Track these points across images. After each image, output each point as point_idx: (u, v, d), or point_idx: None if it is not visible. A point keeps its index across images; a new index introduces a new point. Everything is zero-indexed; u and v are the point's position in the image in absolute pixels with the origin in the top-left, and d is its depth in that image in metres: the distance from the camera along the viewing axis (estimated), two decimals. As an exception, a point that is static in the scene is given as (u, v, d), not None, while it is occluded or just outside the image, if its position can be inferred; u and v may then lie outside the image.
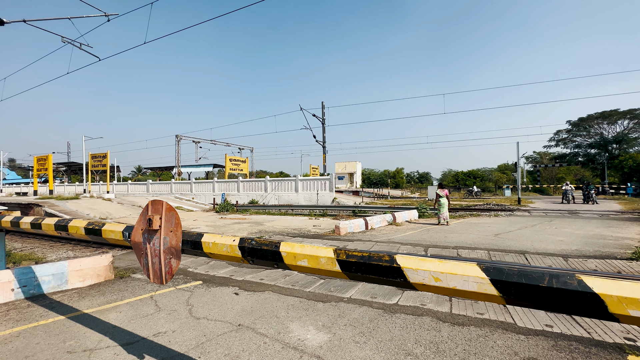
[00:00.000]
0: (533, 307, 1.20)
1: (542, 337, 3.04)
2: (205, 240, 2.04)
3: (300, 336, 3.10)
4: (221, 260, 5.21)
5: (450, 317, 3.51)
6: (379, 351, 2.81)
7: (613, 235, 8.82)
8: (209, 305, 3.96)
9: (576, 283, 1.08)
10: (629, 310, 1.00)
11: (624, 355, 2.69)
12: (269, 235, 10.05)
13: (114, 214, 15.76)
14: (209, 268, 5.83)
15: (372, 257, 1.44)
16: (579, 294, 1.07)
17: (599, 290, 1.04)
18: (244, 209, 20.08)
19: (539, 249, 7.09)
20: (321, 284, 4.78)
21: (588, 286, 1.06)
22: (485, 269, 1.22)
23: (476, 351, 2.79)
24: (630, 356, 2.68)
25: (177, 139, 38.64)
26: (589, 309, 1.07)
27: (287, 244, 1.71)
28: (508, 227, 10.66)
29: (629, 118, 44.60)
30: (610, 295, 1.02)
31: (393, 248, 7.58)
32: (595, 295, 1.05)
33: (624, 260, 6.07)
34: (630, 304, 0.99)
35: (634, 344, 2.88)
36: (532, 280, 1.14)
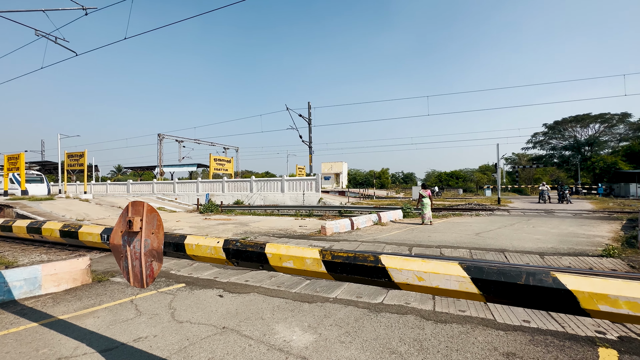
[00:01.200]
0: (512, 304, 1.24)
1: (520, 332, 3.16)
2: (189, 242, 1.99)
3: (285, 337, 3.09)
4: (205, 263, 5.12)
5: (434, 315, 3.59)
6: (364, 350, 2.83)
7: (585, 234, 9.26)
8: (192, 308, 3.88)
9: (551, 280, 1.13)
10: (599, 306, 1.05)
11: (595, 347, 2.83)
12: (255, 236, 9.95)
13: (92, 216, 15.18)
14: (193, 270, 5.71)
15: (358, 258, 1.45)
16: (554, 290, 1.12)
17: (571, 287, 1.09)
18: (229, 210, 19.79)
19: (518, 247, 7.35)
20: (307, 284, 4.77)
21: (562, 283, 1.11)
22: (466, 268, 1.26)
23: (458, 347, 2.86)
24: (600, 348, 2.82)
25: (159, 137, 37.63)
26: (563, 305, 1.12)
27: (272, 245, 1.70)
28: (489, 226, 11.00)
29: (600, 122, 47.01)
30: (582, 292, 1.08)
31: (378, 248, 7.67)
32: (568, 291, 1.10)
33: (595, 257, 6.38)
34: (600, 299, 1.05)
35: (604, 337, 3.03)
36: (511, 278, 1.18)
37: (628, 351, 2.77)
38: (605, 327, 3.22)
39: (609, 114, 45.71)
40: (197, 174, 54.38)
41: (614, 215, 14.24)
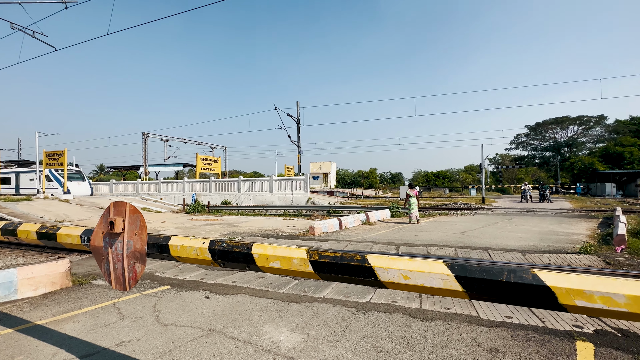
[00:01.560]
0: (494, 300, 1.27)
1: (502, 328, 3.25)
2: (173, 243, 1.95)
3: (273, 338, 3.07)
4: (191, 264, 5.03)
5: (420, 313, 3.64)
6: (351, 349, 2.85)
7: (564, 232, 9.61)
8: (177, 310, 3.80)
9: (531, 277, 1.16)
10: (576, 301, 1.09)
11: (573, 341, 2.94)
12: (242, 236, 9.85)
13: (72, 217, 14.67)
14: (178, 272, 5.60)
15: (344, 257, 1.46)
16: (534, 287, 1.15)
17: (550, 283, 1.13)
18: (216, 210, 19.51)
19: (501, 245, 7.55)
20: (295, 284, 4.76)
21: (541, 280, 1.15)
22: (450, 266, 1.28)
23: (443, 344, 2.91)
24: (578, 342, 2.93)
25: (143, 136, 36.73)
26: (542, 301, 1.16)
27: (259, 246, 1.69)
28: (473, 225, 11.26)
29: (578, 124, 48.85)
30: (560, 288, 1.11)
31: (366, 247, 7.73)
32: (547, 288, 1.13)
33: (574, 254, 6.63)
34: (577, 294, 1.09)
35: (581, 331, 3.15)
36: (493, 276, 1.21)
37: (603, 344, 2.89)
38: (583, 322, 3.35)
39: (586, 117, 47.59)
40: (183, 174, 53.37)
41: (591, 213, 14.83)
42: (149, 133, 37.05)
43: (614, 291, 1.05)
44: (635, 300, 1.02)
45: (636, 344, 2.89)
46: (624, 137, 42.44)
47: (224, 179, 27.88)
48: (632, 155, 38.98)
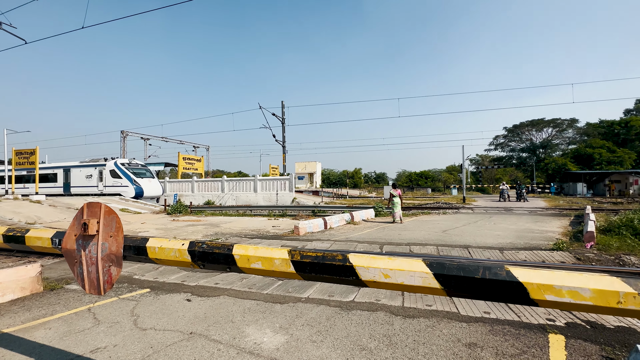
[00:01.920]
0: (471, 297, 1.31)
1: (481, 323, 3.35)
2: (151, 245, 1.89)
3: (256, 340, 3.04)
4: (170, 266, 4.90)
5: (402, 311, 3.70)
6: (335, 349, 2.86)
7: (539, 229, 10.03)
8: (157, 314, 3.69)
9: (505, 274, 1.21)
10: (546, 295, 1.14)
11: (546, 334, 3.08)
12: (226, 237, 9.69)
13: (44, 218, 13.97)
14: (158, 274, 5.44)
15: (326, 257, 1.46)
16: (507, 283, 1.20)
17: (522, 279, 1.17)
18: (199, 211, 19.11)
19: (480, 243, 7.79)
20: (279, 285, 4.73)
21: (514, 276, 1.19)
22: (429, 264, 1.31)
23: (425, 341, 2.98)
24: (550, 334, 3.06)
25: (122, 135, 35.47)
26: (515, 296, 1.20)
27: (240, 247, 1.66)
28: (454, 224, 11.56)
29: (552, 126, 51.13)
30: (532, 283, 1.16)
31: (351, 246, 7.78)
32: (520, 283, 1.18)
33: (547, 250, 6.93)
34: (547, 289, 1.13)
35: (553, 324, 3.30)
36: (469, 273, 1.25)
37: (574, 336, 3.04)
38: (555, 315, 3.51)
39: (560, 119, 49.88)
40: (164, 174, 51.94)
41: (563, 212, 15.55)
42: (128, 131, 35.82)
43: (580, 285, 1.10)
44: (599, 294, 1.07)
45: (603, 335, 3.05)
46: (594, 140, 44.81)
47: (207, 179, 27.36)
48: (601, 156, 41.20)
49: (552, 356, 2.68)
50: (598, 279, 1.11)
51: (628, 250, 6.70)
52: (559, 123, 50.07)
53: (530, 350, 2.78)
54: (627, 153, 41.74)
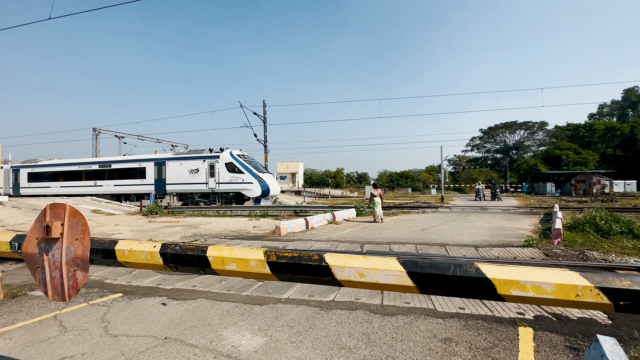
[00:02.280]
0: (442, 294, 1.35)
1: (456, 318, 3.45)
2: (120, 247, 1.81)
3: (234, 342, 2.98)
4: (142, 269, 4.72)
5: (381, 309, 3.76)
6: (314, 349, 2.86)
7: (512, 227, 10.49)
8: (129, 319, 3.54)
9: (474, 270, 1.24)
10: (512, 291, 1.19)
11: (516, 327, 3.22)
12: (205, 238, 9.47)
13: (6, 221, 13.08)
14: (132, 278, 5.23)
15: (302, 257, 1.45)
16: (477, 279, 1.24)
17: (490, 275, 1.21)
18: (177, 211, 18.54)
19: (457, 241, 8.05)
20: (259, 286, 4.67)
21: (483, 272, 1.23)
22: (403, 263, 1.33)
23: (402, 338, 3.03)
24: (520, 327, 3.20)
25: (95, 132, 33.87)
26: (483, 292, 1.24)
27: (215, 248, 1.62)
28: (433, 223, 11.88)
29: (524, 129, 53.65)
30: (499, 279, 1.20)
31: (332, 246, 7.81)
32: (488, 280, 1.22)
33: (519, 247, 7.26)
34: (512, 285, 1.18)
35: (523, 317, 3.45)
36: (441, 270, 1.28)
37: (541, 328, 3.20)
38: (525, 309, 3.67)
39: (531, 122, 52.47)
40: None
41: (534, 210, 16.35)
42: (100, 129, 34.25)
43: (543, 280, 1.15)
44: (560, 288, 1.13)
45: (567, 327, 3.23)
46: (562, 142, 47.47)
47: (186, 179, 26.53)
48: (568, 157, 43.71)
49: (521, 348, 2.80)
50: (559, 273, 1.17)
51: (591, 246, 7.14)
52: (530, 126, 52.65)
53: (501, 343, 2.89)
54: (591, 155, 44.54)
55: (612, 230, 7.98)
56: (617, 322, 3.33)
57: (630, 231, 7.87)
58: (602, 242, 7.36)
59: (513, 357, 2.66)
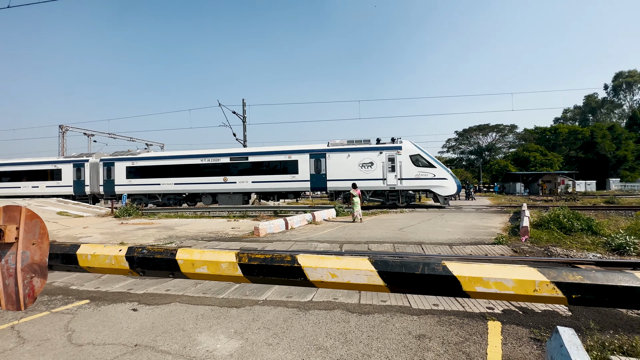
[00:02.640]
0: (412, 292, 1.38)
1: (430, 315, 3.55)
2: (83, 252, 1.72)
3: (209, 347, 2.91)
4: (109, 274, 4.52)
5: (359, 308, 3.80)
6: (291, 350, 2.84)
7: (484, 225, 10.95)
8: (96, 327, 3.37)
9: (441, 269, 1.29)
10: (476, 287, 1.24)
11: (485, 321, 3.36)
12: (181, 240, 9.18)
13: None
14: (100, 283, 4.98)
15: (275, 259, 1.44)
16: (444, 277, 1.28)
17: (456, 273, 1.26)
18: (151, 213, 17.85)
19: (432, 240, 8.29)
20: (236, 288, 4.58)
21: (450, 270, 1.28)
22: (374, 263, 1.35)
23: (378, 336, 3.08)
24: (489, 322, 3.35)
25: (61, 130, 31.95)
26: (450, 289, 1.29)
27: (184, 251, 1.58)
28: (410, 222, 12.17)
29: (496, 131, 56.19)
30: (464, 276, 1.25)
31: (311, 246, 7.81)
32: (454, 277, 1.26)
33: (490, 244, 7.59)
34: (477, 282, 1.23)
35: (492, 312, 3.61)
36: (410, 269, 1.31)
37: (509, 321, 3.36)
38: (494, 304, 3.84)
39: (502, 125, 55.04)
40: (112, 173, 47.69)
41: (504, 209, 17.15)
42: (67, 126, 32.36)
43: (504, 277, 1.21)
44: (520, 284, 1.19)
45: (532, 319, 3.41)
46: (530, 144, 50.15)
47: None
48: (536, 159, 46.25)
49: (490, 341, 2.93)
50: (519, 270, 1.23)
51: (555, 242, 7.59)
52: (502, 128, 55.23)
53: (472, 338, 3.01)
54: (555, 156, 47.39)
55: (573, 228, 8.52)
56: (576, 313, 3.56)
57: (589, 228, 8.44)
58: (565, 239, 7.84)
59: (482, 350, 2.77)
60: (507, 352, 2.74)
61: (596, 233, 8.23)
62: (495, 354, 2.71)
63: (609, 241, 7.04)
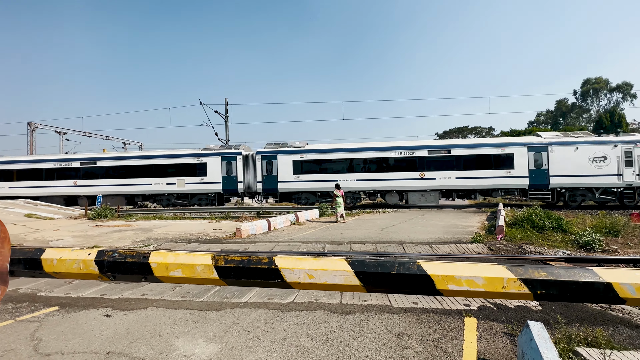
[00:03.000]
0: (388, 291, 1.40)
1: (409, 313, 3.62)
2: (48, 256, 1.63)
3: (186, 352, 2.83)
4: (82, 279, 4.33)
5: (340, 308, 3.82)
6: (271, 352, 2.82)
7: (462, 225, 11.28)
8: (66, 335, 3.21)
9: (416, 268, 1.31)
10: (449, 285, 1.27)
11: (462, 318, 3.46)
12: (159, 242, 8.90)
13: None
14: (72, 289, 4.75)
15: (252, 261, 1.42)
16: (418, 276, 1.30)
17: (430, 272, 1.29)
18: (128, 214, 17.21)
19: (413, 239, 8.46)
20: (216, 291, 4.49)
21: (424, 269, 1.31)
22: (351, 263, 1.36)
23: (359, 335, 3.11)
24: (466, 318, 3.45)
25: (30, 127, 30.26)
26: (424, 288, 1.32)
27: (158, 253, 1.53)
28: (392, 222, 12.36)
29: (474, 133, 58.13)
30: (438, 275, 1.28)
31: (294, 247, 7.78)
32: (428, 276, 1.29)
33: (468, 243, 7.83)
34: (449, 280, 1.26)
35: (469, 308, 3.72)
36: (386, 269, 1.33)
37: (484, 317, 3.48)
38: (471, 301, 3.96)
39: (480, 127, 57.09)
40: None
41: (482, 208, 17.75)
42: (37, 123, 30.70)
43: (475, 275, 1.25)
44: (489, 281, 1.24)
45: (506, 315, 3.55)
46: (506, 146, 52.16)
47: (140, 179, 24.74)
48: (511, 160, 48.16)
49: (466, 337, 3.02)
50: (489, 268, 1.27)
51: (528, 240, 7.93)
52: (480, 131, 57.25)
53: (449, 334, 3.09)
54: (530, 158, 49.50)
55: (545, 226, 8.94)
56: (546, 308, 3.73)
57: (559, 226, 8.88)
58: (537, 237, 8.21)
59: (459, 347, 2.86)
60: (482, 347, 2.83)
61: (566, 231, 8.67)
62: (470, 349, 2.79)
63: (577, 239, 7.43)
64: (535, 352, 1.90)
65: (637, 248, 7.18)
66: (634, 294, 1.11)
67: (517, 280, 1.20)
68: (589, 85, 53.83)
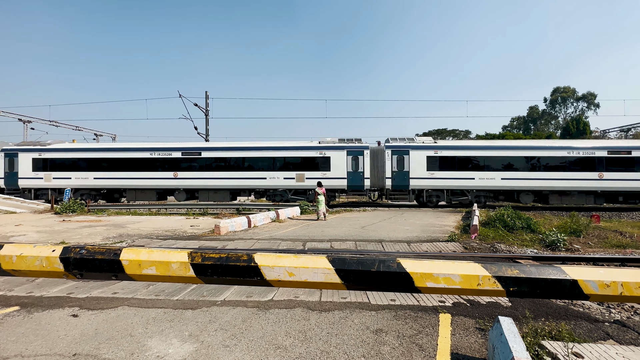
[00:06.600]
0: (368, 289, 1.41)
1: (387, 310, 3.69)
2: (6, 252, 1.51)
3: (160, 352, 2.73)
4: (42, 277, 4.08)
5: (319, 305, 3.82)
6: (249, 351, 2.77)
7: (439, 224, 11.63)
8: (27, 337, 3.01)
9: (396, 266, 1.33)
10: (427, 283, 1.29)
11: (437, 314, 3.56)
12: (133, 239, 8.55)
13: None
14: (34, 287, 4.46)
15: (230, 258, 1.38)
16: (398, 274, 1.32)
17: (409, 270, 1.31)
18: (99, 209, 16.41)
19: (392, 237, 8.62)
20: (193, 289, 4.37)
21: (403, 267, 1.32)
22: (331, 260, 1.35)
23: (337, 332, 3.12)
24: (441, 314, 3.56)
25: (-10, 114, 28.04)
26: (404, 285, 1.33)
27: (130, 250, 1.45)
28: (372, 220, 12.54)
29: (452, 136, 60.01)
30: (416, 273, 1.30)
31: (274, 245, 7.71)
32: (407, 274, 1.31)
33: (444, 242, 8.08)
34: (427, 278, 1.29)
35: (444, 305, 3.84)
36: (367, 267, 1.34)
37: (458, 313, 3.60)
38: (446, 297, 4.09)
39: (458, 130, 58.98)
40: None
41: (457, 208, 18.39)
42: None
43: (452, 272, 1.28)
44: (466, 278, 1.27)
45: (478, 311, 3.69)
46: (481, 149, 54.27)
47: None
48: (486, 163, 50.18)
49: (440, 333, 3.11)
50: (465, 266, 1.31)
51: (500, 239, 8.30)
52: (457, 133, 59.17)
53: (424, 330, 3.18)
54: (503, 161, 51.80)
55: (515, 226, 9.39)
56: (515, 304, 3.92)
57: (528, 226, 9.36)
58: (508, 236, 8.61)
59: (434, 342, 2.94)
60: (455, 342, 2.93)
61: (534, 231, 9.15)
62: (445, 344, 2.88)
63: (544, 238, 7.85)
64: (505, 346, 1.98)
65: (596, 247, 7.69)
66: (597, 291, 1.18)
67: (492, 278, 1.24)
68: (557, 93, 56.98)
